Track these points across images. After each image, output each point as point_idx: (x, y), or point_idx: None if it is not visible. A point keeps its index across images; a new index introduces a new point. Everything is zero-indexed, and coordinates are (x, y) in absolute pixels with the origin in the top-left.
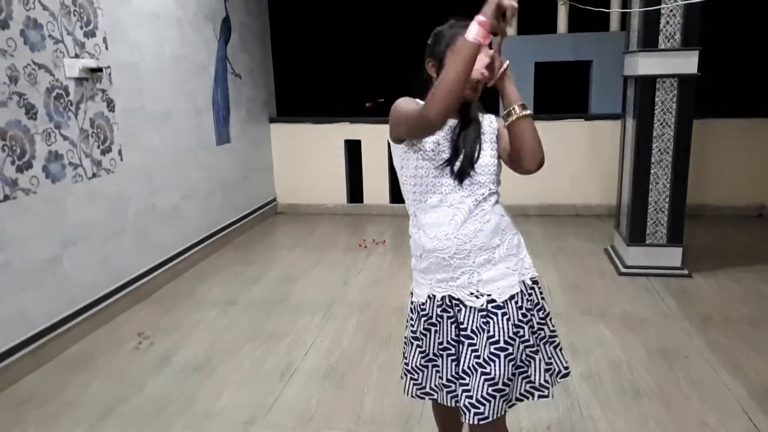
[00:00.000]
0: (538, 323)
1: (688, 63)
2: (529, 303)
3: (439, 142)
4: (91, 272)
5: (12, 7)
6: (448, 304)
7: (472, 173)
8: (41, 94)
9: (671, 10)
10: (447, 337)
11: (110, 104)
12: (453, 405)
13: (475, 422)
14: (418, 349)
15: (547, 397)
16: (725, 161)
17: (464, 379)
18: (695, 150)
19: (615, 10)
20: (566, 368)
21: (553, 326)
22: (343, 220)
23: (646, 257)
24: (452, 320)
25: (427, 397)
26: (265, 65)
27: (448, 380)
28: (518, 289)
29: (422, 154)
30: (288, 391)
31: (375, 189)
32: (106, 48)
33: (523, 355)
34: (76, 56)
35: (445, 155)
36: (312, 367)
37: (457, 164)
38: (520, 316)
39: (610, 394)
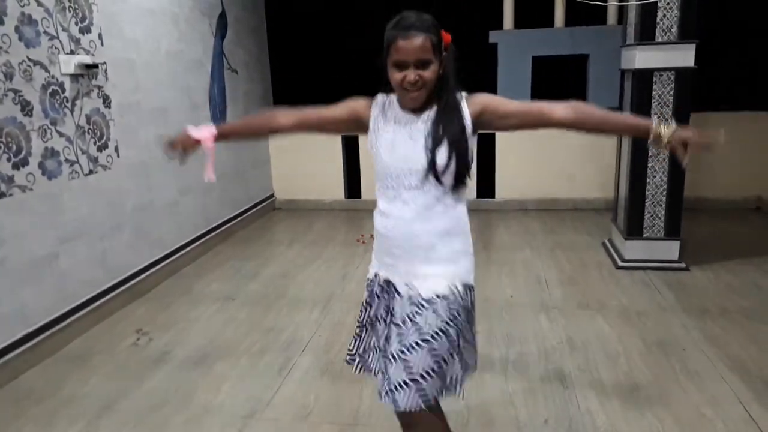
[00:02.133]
0: (463, 326)
1: (685, 56)
2: (456, 305)
3: (393, 141)
4: (89, 269)
5: (6, 3)
6: (387, 287)
7: (428, 174)
8: (37, 90)
9: (668, 3)
10: (380, 312)
11: (106, 100)
12: (377, 374)
13: (386, 402)
14: (358, 320)
15: (455, 394)
16: (723, 154)
17: (388, 362)
18: None
19: (612, 3)
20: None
21: (474, 332)
22: (340, 216)
23: (643, 251)
24: (386, 303)
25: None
26: (261, 60)
27: (373, 346)
28: (448, 291)
29: (380, 150)
30: (286, 386)
31: (372, 184)
32: (102, 44)
33: (446, 354)
34: (72, 52)
35: (400, 154)
36: (310, 363)
37: (414, 164)
38: (449, 316)
39: (607, 387)
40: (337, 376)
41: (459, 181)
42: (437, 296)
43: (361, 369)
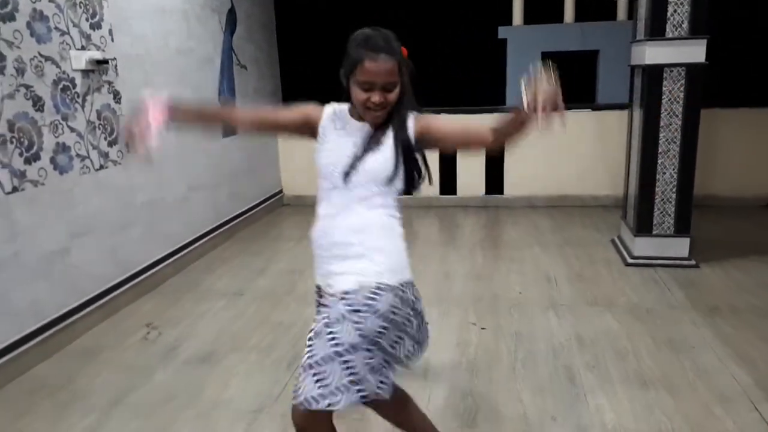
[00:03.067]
0: (378, 331)
1: (695, 52)
2: (364, 306)
3: (336, 147)
4: (100, 263)
5: (18, 0)
6: (320, 297)
7: (353, 175)
8: (48, 86)
9: None
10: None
11: (116, 96)
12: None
13: (293, 398)
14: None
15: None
16: (733, 151)
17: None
18: (703, 140)
19: None
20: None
21: (396, 339)
22: None
23: (653, 248)
24: (321, 314)
25: None
26: (271, 56)
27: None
28: (354, 288)
29: (321, 155)
30: (295, 381)
31: None
32: (112, 40)
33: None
34: (83, 48)
35: (337, 157)
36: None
37: (340, 167)
38: (344, 312)
39: (616, 384)
40: None
41: (384, 181)
42: (345, 295)
43: None
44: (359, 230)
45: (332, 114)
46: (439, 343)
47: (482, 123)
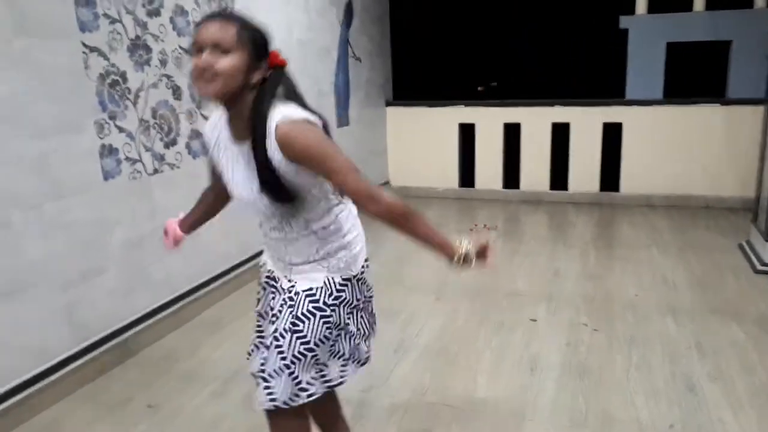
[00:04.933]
0: (345, 319)
1: None
2: (332, 299)
3: (231, 175)
4: (225, 243)
5: None
6: (271, 278)
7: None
8: (185, 76)
9: None
10: (263, 308)
11: None
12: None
13: (264, 400)
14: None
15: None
16: None
17: (263, 351)
18: None
19: None
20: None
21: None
22: (453, 205)
23: None
24: (269, 297)
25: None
26: (383, 48)
27: (254, 343)
28: (321, 284)
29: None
30: (402, 364)
31: (488, 174)
32: None
33: (295, 349)
34: None
35: (238, 189)
36: (425, 345)
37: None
38: (312, 309)
39: (742, 398)
40: (451, 361)
41: (288, 215)
42: (306, 289)
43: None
44: (315, 242)
45: (213, 126)
46: (548, 342)
47: (362, 181)
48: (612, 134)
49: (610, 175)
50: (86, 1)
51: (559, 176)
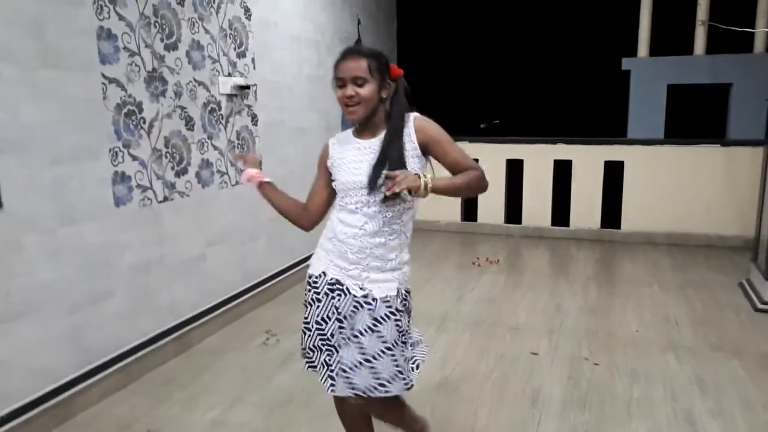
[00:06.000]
0: (407, 323)
1: None
2: (401, 305)
3: (350, 162)
4: (229, 271)
5: (182, 31)
6: (335, 286)
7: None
8: (199, 108)
9: None
10: (325, 313)
11: (254, 119)
12: (323, 372)
13: (346, 389)
14: (304, 320)
15: (407, 389)
16: None
17: (339, 351)
18: None
19: (761, 30)
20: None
21: (409, 332)
22: (455, 238)
23: None
24: (334, 301)
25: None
26: None
27: (314, 346)
28: (394, 293)
29: (340, 172)
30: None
31: (490, 208)
32: (254, 68)
33: (377, 348)
34: (229, 75)
35: (354, 173)
36: (426, 377)
37: (362, 182)
38: (386, 313)
39: None
40: (452, 393)
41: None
42: (380, 297)
43: (309, 366)
44: (397, 248)
45: (334, 143)
46: (550, 375)
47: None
48: (614, 172)
49: (611, 213)
50: (108, 34)
51: (560, 212)
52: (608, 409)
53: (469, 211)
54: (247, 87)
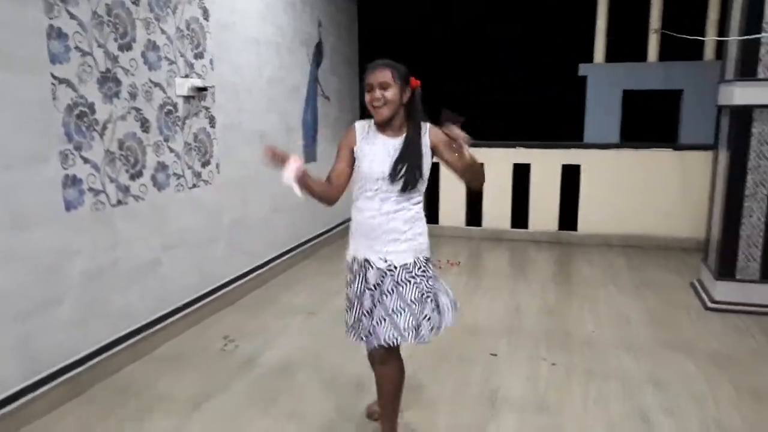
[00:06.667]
0: (427, 286)
1: None
2: (420, 271)
3: (374, 155)
4: (187, 275)
5: (136, 32)
6: (363, 263)
7: (392, 179)
8: (155, 109)
9: None
10: (358, 288)
11: (212, 121)
12: (363, 336)
13: (374, 342)
14: (347, 297)
15: (424, 343)
16: None
17: (379, 320)
18: None
19: (711, 38)
20: (439, 327)
21: (434, 287)
22: None
23: (736, 293)
24: (364, 274)
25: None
26: (352, 88)
27: (364, 313)
28: (412, 260)
29: (363, 162)
30: (365, 400)
31: (450, 211)
32: (212, 69)
33: (397, 304)
34: (186, 76)
35: (377, 164)
36: None
37: (385, 173)
38: (407, 277)
39: (694, 430)
40: (412, 394)
41: (410, 186)
42: (400, 265)
43: (355, 337)
44: (409, 221)
45: (363, 130)
46: (509, 376)
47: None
48: (571, 176)
49: (568, 215)
50: (58, 33)
51: (519, 215)
52: (566, 408)
53: (431, 214)
54: (205, 89)
